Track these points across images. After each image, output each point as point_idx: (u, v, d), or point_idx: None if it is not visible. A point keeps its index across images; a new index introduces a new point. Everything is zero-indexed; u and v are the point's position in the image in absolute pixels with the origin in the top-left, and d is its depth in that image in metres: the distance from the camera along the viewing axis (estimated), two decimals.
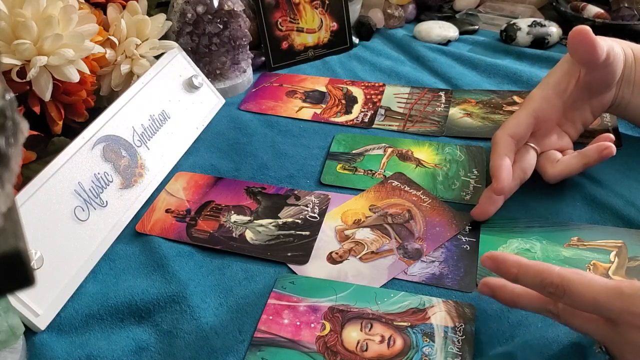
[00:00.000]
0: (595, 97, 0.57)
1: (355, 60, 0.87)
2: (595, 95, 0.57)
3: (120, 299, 0.49)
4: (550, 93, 0.56)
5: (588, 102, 0.57)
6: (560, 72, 0.56)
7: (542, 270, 0.38)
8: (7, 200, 0.22)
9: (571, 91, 0.55)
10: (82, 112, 0.63)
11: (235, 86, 0.78)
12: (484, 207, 0.54)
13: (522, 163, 0.55)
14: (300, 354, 0.44)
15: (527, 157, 0.56)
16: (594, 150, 0.55)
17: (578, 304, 0.37)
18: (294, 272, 0.51)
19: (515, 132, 0.55)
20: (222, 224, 0.56)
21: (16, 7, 0.54)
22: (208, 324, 0.47)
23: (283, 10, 0.83)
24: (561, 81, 0.56)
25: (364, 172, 0.63)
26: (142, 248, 0.55)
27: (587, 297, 0.36)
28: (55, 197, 0.51)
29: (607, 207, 0.56)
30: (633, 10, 0.86)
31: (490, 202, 0.54)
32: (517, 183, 0.55)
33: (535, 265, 0.38)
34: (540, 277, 0.38)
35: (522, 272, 0.39)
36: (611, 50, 0.54)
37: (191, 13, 0.71)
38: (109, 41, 0.64)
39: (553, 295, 0.37)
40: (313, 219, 0.57)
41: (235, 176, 0.63)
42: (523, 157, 0.56)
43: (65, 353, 0.45)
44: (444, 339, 0.44)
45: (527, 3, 1.00)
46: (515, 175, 0.54)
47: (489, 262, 0.41)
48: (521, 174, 0.55)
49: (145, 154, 0.61)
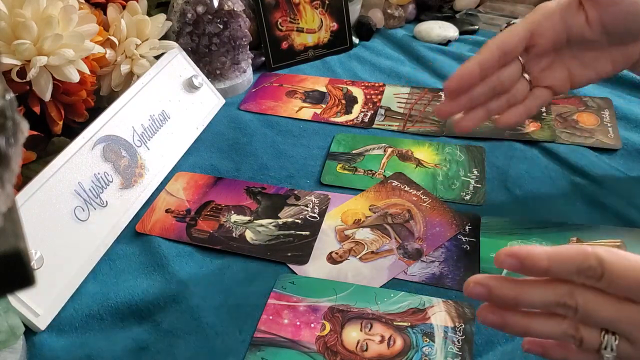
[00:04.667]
0: (616, 46, 0.51)
1: (355, 60, 0.87)
2: (616, 42, 0.50)
3: (120, 299, 0.49)
4: (553, 10, 0.50)
5: (607, 49, 0.51)
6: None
7: (576, 256, 0.32)
8: (7, 200, 0.22)
9: (581, 24, 0.49)
10: (82, 112, 0.63)
11: (235, 86, 0.78)
12: (439, 106, 0.50)
13: (502, 73, 0.49)
14: (300, 354, 0.44)
15: (509, 69, 0.50)
16: None
17: (616, 286, 0.32)
18: (294, 272, 0.51)
19: (503, 42, 0.49)
20: (222, 224, 0.56)
21: (16, 7, 0.54)
22: (208, 324, 0.47)
23: (283, 10, 0.83)
24: (572, 4, 0.49)
25: (364, 172, 0.63)
26: (142, 248, 0.55)
27: (629, 279, 0.31)
28: (55, 197, 0.51)
29: (607, 207, 0.56)
30: None
31: (445, 104, 0.50)
32: (488, 90, 0.49)
33: (566, 251, 0.33)
34: (576, 263, 0.32)
35: (555, 263, 0.33)
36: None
37: (191, 13, 0.71)
38: (109, 41, 0.64)
39: (588, 280, 0.32)
40: (313, 219, 0.57)
41: (235, 176, 0.63)
42: (506, 69, 0.50)
43: (65, 353, 0.45)
44: (444, 339, 0.44)
45: (527, 3, 1.00)
46: (489, 83, 0.49)
47: (510, 259, 0.33)
48: (497, 84, 0.49)
49: (145, 154, 0.61)
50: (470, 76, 0.48)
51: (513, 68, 0.50)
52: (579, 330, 0.34)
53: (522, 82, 0.51)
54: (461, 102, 0.49)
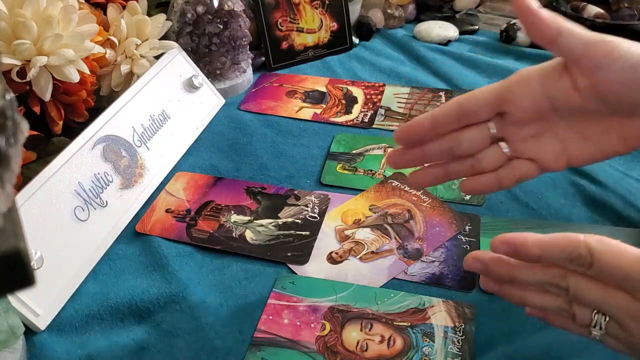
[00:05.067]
0: (624, 118, 0.40)
1: (355, 60, 0.87)
2: (622, 114, 0.39)
3: (120, 299, 0.49)
4: (531, 75, 0.41)
5: (613, 121, 0.40)
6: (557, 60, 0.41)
7: (567, 245, 0.34)
8: (7, 200, 0.22)
9: (566, 91, 0.39)
10: (82, 112, 0.63)
11: (235, 86, 0.78)
12: (389, 153, 0.45)
13: (462, 134, 0.42)
14: (300, 354, 0.44)
15: (471, 131, 0.42)
16: None
17: (605, 275, 0.33)
18: (294, 272, 0.51)
19: (465, 101, 0.42)
20: (222, 224, 0.56)
21: (16, 7, 0.54)
22: (208, 324, 0.47)
23: (283, 10, 0.83)
24: (555, 68, 0.40)
25: (364, 172, 0.63)
26: (142, 248, 0.55)
27: (617, 269, 0.33)
28: (55, 197, 0.51)
29: (607, 207, 0.56)
30: (633, 10, 0.86)
31: (396, 151, 0.44)
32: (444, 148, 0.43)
33: (557, 240, 0.34)
34: (567, 252, 0.34)
35: (546, 251, 0.35)
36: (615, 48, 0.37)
37: (191, 13, 0.71)
38: (109, 41, 0.64)
39: (579, 267, 0.34)
40: (313, 219, 0.57)
41: (235, 176, 0.63)
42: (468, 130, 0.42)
43: (65, 353, 0.45)
44: (444, 339, 0.44)
45: None
46: (446, 141, 0.42)
47: (505, 246, 0.36)
48: (455, 144, 0.42)
49: (145, 154, 0.61)
50: (419, 127, 0.42)
51: (477, 131, 0.42)
52: (572, 306, 0.36)
53: (494, 149, 0.43)
54: (413, 154, 0.44)
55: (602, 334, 0.35)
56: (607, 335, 0.35)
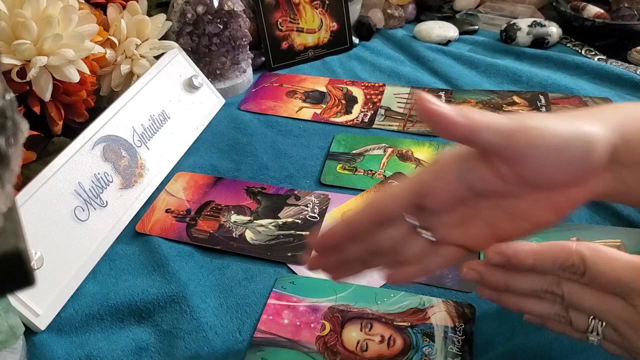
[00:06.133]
0: (554, 194, 0.37)
1: (355, 60, 0.87)
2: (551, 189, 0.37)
3: (120, 299, 0.49)
4: (448, 166, 0.38)
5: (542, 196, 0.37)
6: None
7: (559, 254, 0.34)
8: (7, 200, 0.22)
9: (487, 178, 0.36)
10: (82, 112, 0.63)
11: (235, 86, 0.78)
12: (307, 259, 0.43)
13: (380, 235, 0.39)
14: (300, 354, 0.44)
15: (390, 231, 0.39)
16: None
17: (598, 282, 0.34)
18: (294, 272, 0.51)
19: (380, 205, 0.39)
20: (222, 224, 0.56)
21: (16, 7, 0.54)
22: (208, 324, 0.47)
23: (283, 10, 0.83)
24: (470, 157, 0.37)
25: (364, 172, 0.63)
26: (142, 248, 0.55)
27: (610, 276, 0.33)
28: (55, 197, 0.51)
29: (607, 207, 0.56)
30: (633, 10, 0.86)
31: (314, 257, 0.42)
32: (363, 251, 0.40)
33: (550, 249, 0.35)
34: (559, 261, 0.34)
35: (539, 261, 0.35)
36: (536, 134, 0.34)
37: (191, 13, 0.71)
38: (109, 41, 0.65)
39: (572, 275, 0.34)
40: (313, 219, 0.57)
41: (235, 176, 0.63)
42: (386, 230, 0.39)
43: (65, 353, 0.45)
44: (444, 339, 0.44)
45: (527, 3, 1.00)
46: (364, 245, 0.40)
47: (498, 257, 0.36)
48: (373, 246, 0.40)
49: (145, 154, 0.61)
50: (334, 236, 0.40)
51: (395, 230, 0.39)
52: (569, 312, 0.36)
53: (414, 240, 0.40)
54: (331, 259, 0.41)
55: (599, 339, 0.36)
56: (605, 340, 0.36)
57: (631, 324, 0.34)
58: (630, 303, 0.34)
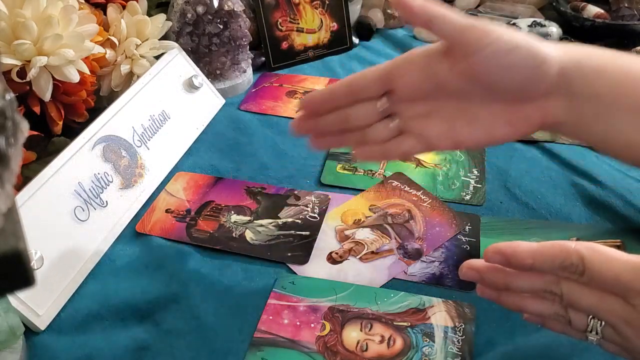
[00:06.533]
0: (508, 105, 0.41)
1: (355, 60, 0.87)
2: (504, 100, 0.41)
3: (121, 299, 0.49)
4: (419, 54, 0.43)
5: (499, 108, 0.42)
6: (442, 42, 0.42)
7: (558, 253, 0.35)
8: (7, 200, 0.22)
9: (445, 72, 0.41)
10: (82, 112, 0.63)
11: (235, 86, 0.78)
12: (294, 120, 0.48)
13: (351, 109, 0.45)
14: (300, 354, 0.44)
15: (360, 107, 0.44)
16: None
17: (597, 282, 0.34)
18: (294, 272, 0.51)
19: (355, 78, 0.44)
20: (222, 224, 0.56)
21: (16, 7, 0.54)
22: (208, 324, 0.47)
23: (283, 10, 0.83)
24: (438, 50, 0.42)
25: (364, 172, 0.63)
26: (142, 248, 0.55)
27: (608, 275, 0.34)
28: (55, 197, 0.51)
29: (607, 207, 0.56)
30: (633, 10, 0.86)
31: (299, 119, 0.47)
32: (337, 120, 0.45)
33: (549, 249, 0.35)
34: (558, 261, 0.35)
35: (538, 260, 0.35)
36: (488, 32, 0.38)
37: (191, 13, 0.71)
38: (109, 41, 0.65)
39: (572, 275, 0.35)
40: (313, 219, 0.57)
41: (235, 176, 0.63)
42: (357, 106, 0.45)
43: (65, 353, 0.45)
44: (444, 339, 0.44)
45: (527, 3, 1.00)
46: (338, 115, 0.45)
47: (498, 256, 0.37)
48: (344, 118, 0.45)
49: (145, 154, 0.61)
50: (316, 100, 0.46)
51: (365, 107, 0.44)
52: (568, 312, 0.36)
53: (382, 124, 0.45)
54: (312, 122, 0.47)
55: (598, 338, 0.36)
56: (604, 339, 0.36)
57: (630, 323, 0.34)
58: (629, 302, 0.34)
